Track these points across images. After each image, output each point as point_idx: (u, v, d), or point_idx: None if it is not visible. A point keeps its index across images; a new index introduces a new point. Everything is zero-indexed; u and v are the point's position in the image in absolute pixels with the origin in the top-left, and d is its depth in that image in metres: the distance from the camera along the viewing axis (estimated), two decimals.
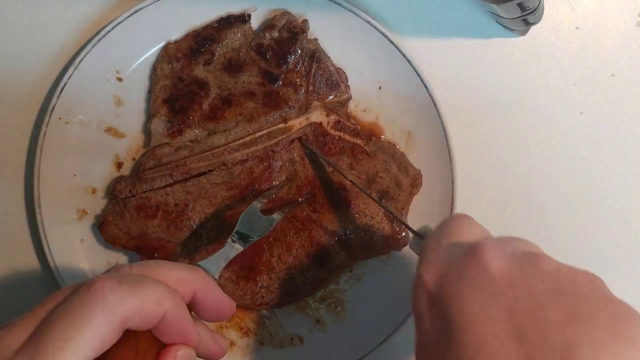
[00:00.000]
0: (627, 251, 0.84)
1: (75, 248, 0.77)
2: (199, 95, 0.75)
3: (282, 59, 0.75)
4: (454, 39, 0.82)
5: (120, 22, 0.74)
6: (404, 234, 0.76)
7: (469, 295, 0.44)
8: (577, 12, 0.82)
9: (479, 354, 0.41)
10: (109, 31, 0.74)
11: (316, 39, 0.77)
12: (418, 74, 0.76)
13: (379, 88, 0.80)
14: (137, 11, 0.74)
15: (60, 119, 0.75)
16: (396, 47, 0.76)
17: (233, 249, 0.65)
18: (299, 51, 0.75)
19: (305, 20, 0.76)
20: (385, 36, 0.76)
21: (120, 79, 0.77)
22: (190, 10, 0.77)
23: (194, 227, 0.75)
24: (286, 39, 0.75)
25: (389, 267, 0.80)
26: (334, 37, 0.78)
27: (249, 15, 0.77)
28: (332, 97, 0.76)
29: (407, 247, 0.76)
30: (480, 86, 0.82)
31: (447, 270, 0.47)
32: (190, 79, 0.75)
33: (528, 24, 0.78)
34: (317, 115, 0.75)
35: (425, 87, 0.76)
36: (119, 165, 0.78)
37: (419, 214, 0.79)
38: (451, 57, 0.82)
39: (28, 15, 0.79)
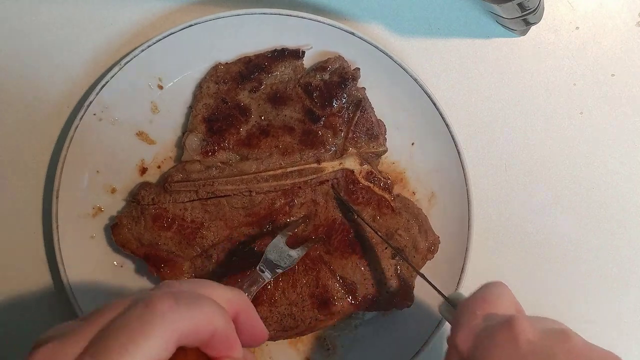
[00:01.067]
0: (627, 250, 0.84)
1: (85, 243, 0.76)
2: (238, 120, 0.76)
3: (327, 101, 0.76)
4: (454, 39, 0.83)
5: (173, 33, 0.75)
6: (410, 294, 0.76)
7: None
8: (577, 12, 0.84)
9: None
10: (160, 39, 0.75)
11: (364, 88, 0.78)
12: (454, 140, 0.77)
13: (412, 144, 0.80)
14: (191, 25, 0.75)
15: (94, 115, 0.75)
16: (438, 109, 0.77)
17: (261, 278, 0.66)
18: (346, 97, 0.76)
19: (358, 69, 0.77)
20: (430, 97, 0.77)
21: (161, 87, 0.78)
22: (245, 36, 0.78)
23: (206, 246, 0.74)
24: (336, 83, 0.76)
25: (388, 321, 0.79)
26: (380, 89, 0.79)
27: (303, 53, 0.78)
28: (368, 147, 0.77)
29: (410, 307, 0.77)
30: (480, 86, 0.83)
31: (481, 339, 0.51)
32: (233, 102, 0.76)
33: (528, 24, 0.79)
34: (350, 163, 0.76)
35: (459, 153, 0.77)
36: (143, 171, 0.78)
37: (426, 273, 0.78)
38: (451, 57, 0.83)
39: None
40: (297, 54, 0.77)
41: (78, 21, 0.79)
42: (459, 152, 0.77)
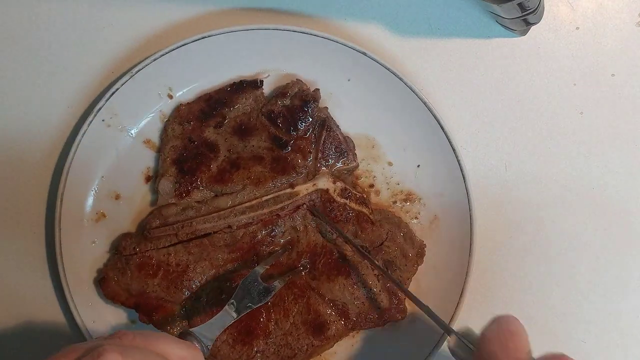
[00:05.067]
0: (627, 251, 0.83)
1: (85, 248, 0.76)
2: (208, 157, 0.76)
3: (292, 125, 0.76)
4: (454, 39, 0.82)
5: (186, 44, 0.75)
6: (401, 306, 0.75)
7: None
8: (577, 12, 0.83)
9: None
10: (172, 49, 0.75)
11: (326, 107, 0.78)
12: (459, 164, 0.76)
13: (418, 166, 0.80)
14: (204, 37, 0.76)
15: (103, 120, 0.76)
16: (445, 133, 0.76)
17: (229, 316, 0.66)
18: (310, 119, 0.76)
19: (317, 90, 0.77)
20: (438, 121, 0.76)
21: (171, 97, 0.78)
22: (255, 51, 0.78)
23: (194, 288, 0.74)
24: (297, 107, 0.76)
25: (385, 335, 0.78)
26: (389, 111, 0.79)
27: (262, 82, 0.78)
28: (339, 164, 0.77)
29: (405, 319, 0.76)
30: (480, 86, 0.82)
31: None
32: (200, 140, 0.76)
33: (528, 24, 0.78)
34: (324, 182, 0.75)
35: (464, 178, 0.76)
36: (148, 178, 0.78)
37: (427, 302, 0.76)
38: (451, 57, 0.82)
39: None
40: (256, 84, 0.78)
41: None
42: (464, 178, 0.76)
